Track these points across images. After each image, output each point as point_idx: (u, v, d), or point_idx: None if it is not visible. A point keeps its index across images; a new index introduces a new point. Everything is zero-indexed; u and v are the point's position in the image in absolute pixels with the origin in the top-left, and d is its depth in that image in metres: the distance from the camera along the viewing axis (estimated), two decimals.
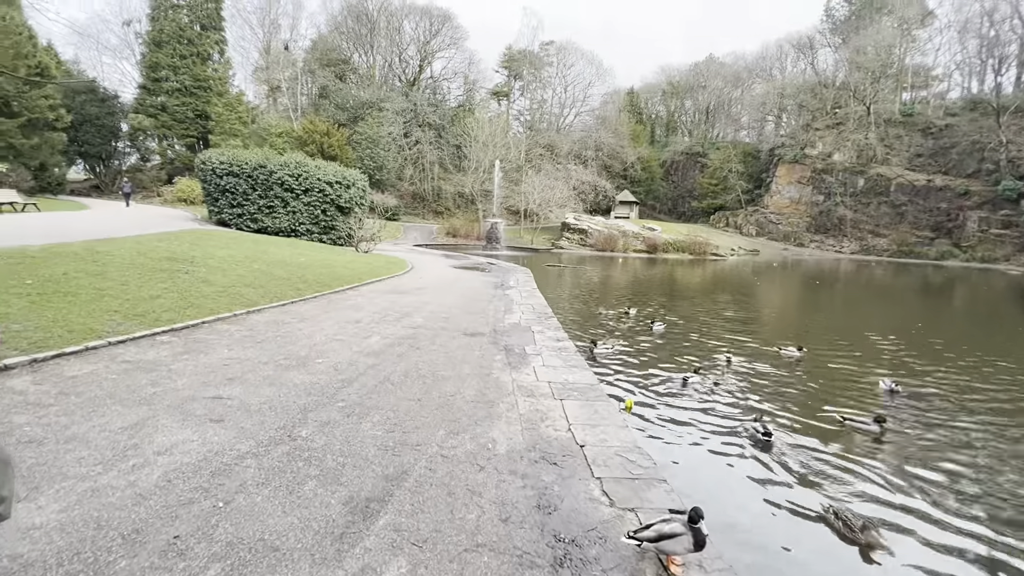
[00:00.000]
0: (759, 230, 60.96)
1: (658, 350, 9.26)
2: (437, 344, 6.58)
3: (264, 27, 62.57)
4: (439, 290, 11.92)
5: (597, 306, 13.66)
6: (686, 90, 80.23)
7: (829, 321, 14.50)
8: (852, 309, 18.43)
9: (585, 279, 22.08)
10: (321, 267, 12.50)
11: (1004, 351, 10.57)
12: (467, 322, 8.24)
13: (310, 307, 8.48)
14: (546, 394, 4.81)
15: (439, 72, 62.22)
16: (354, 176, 23.97)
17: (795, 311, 17.17)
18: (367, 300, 9.67)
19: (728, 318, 13.62)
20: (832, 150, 58.77)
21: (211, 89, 45.97)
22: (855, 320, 15.04)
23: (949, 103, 58.76)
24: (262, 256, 12.24)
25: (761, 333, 11.67)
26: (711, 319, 13.23)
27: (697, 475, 4.56)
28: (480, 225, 43.10)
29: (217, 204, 22.78)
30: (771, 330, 12.28)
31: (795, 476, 4.62)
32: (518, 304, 10.41)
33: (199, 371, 4.75)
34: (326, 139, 42.21)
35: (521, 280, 14.84)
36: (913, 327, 13.42)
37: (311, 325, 7.13)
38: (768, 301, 19.47)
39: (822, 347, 10.17)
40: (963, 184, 50.32)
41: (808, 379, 7.90)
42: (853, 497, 4.32)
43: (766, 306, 17.93)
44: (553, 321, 8.70)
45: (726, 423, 5.82)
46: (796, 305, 18.88)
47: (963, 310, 20.12)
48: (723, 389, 7.15)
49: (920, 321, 14.75)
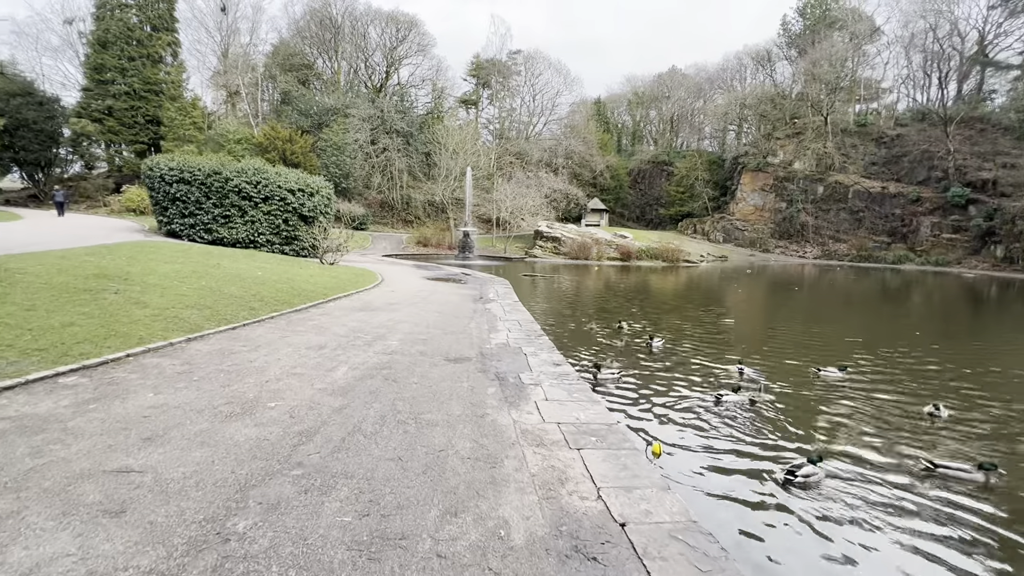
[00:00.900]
0: (726, 236, 62.04)
1: (667, 371, 8.53)
2: (417, 374, 5.58)
3: (222, 31, 60.06)
4: (414, 305, 10.87)
5: (587, 321, 12.82)
6: (650, 100, 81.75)
7: (836, 333, 13.88)
8: (850, 318, 17.92)
9: (564, 289, 21.36)
10: (281, 282, 11.26)
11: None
12: (449, 344, 7.26)
13: (265, 330, 7.31)
14: (558, 441, 3.90)
15: (406, 79, 61.11)
16: (318, 183, 22.62)
17: (793, 322, 16.51)
18: (333, 320, 8.55)
19: (728, 330, 13.08)
20: (793, 158, 60.55)
21: (163, 93, 43.48)
22: (860, 331, 14.30)
23: (899, 114, 61.64)
24: (212, 271, 10.90)
25: (770, 348, 11.07)
26: (711, 332, 12.65)
27: (789, 560, 3.71)
28: (451, 234, 42.02)
29: (166, 214, 21.03)
30: (780, 344, 11.61)
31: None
32: (502, 320, 9.49)
33: (107, 428, 3.62)
34: (289, 146, 40.41)
35: (501, 292, 13.92)
36: (922, 337, 13.12)
37: (265, 354, 6.01)
38: (760, 310, 19.06)
39: (842, 361, 9.60)
40: (915, 191, 52.52)
41: (860, 405, 7.22)
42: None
43: (760, 316, 17.42)
44: (545, 340, 7.81)
45: (781, 461, 5.09)
46: (790, 315, 18.35)
47: (962, 317, 19.71)
48: (760, 417, 6.43)
49: (918, 330, 14.50)
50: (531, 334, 8.22)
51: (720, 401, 6.70)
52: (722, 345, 11.12)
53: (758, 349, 10.80)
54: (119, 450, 3.31)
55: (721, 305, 19.84)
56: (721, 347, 10.87)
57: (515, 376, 5.73)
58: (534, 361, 6.43)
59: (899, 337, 12.97)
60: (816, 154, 58.08)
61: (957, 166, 50.09)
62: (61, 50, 51.67)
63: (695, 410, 6.68)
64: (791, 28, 67.68)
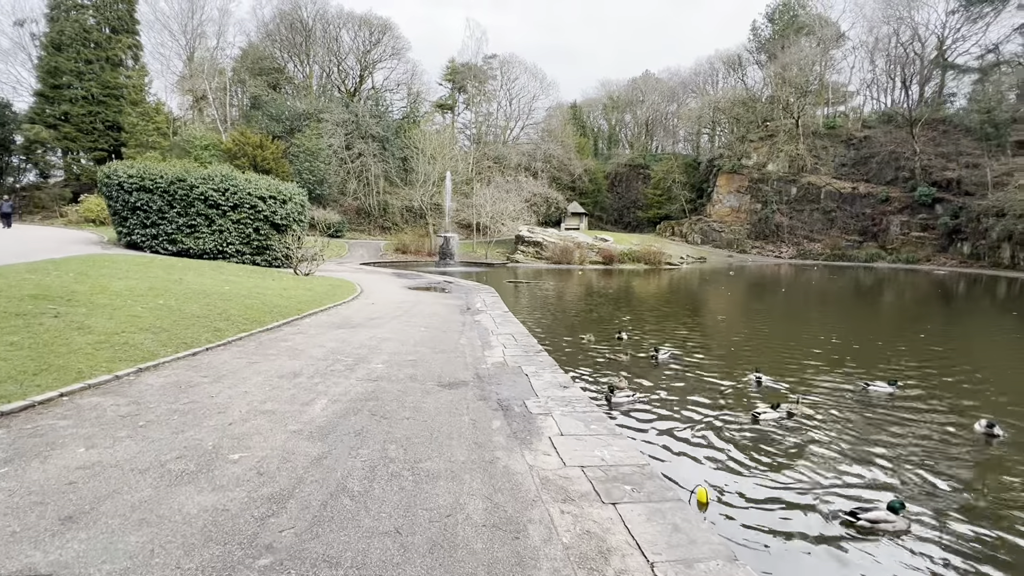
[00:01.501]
0: (704, 238, 62.65)
1: (681, 386, 7.94)
2: (408, 406, 4.85)
3: (187, 34, 58.03)
4: (397, 320, 10.08)
5: (583, 331, 12.13)
6: (625, 104, 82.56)
7: (846, 338, 13.18)
8: (853, 322, 17.38)
9: (552, 296, 20.76)
10: (250, 297, 10.34)
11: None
12: (441, 365, 6.53)
13: (232, 355, 6.46)
14: (587, 494, 3.24)
15: (381, 83, 60.04)
16: (291, 190, 21.59)
17: (796, 327, 15.90)
18: (309, 340, 7.72)
19: (730, 338, 12.62)
20: (766, 160, 61.61)
21: (124, 98, 41.52)
22: (863, 334, 13.89)
23: (866, 117, 63.43)
24: (173, 287, 9.92)
25: (788, 356, 10.56)
26: (715, 340, 12.19)
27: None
28: (431, 240, 41.13)
29: (126, 224, 19.74)
30: (798, 353, 11.02)
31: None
32: (495, 334, 8.80)
33: (15, 504, 2.81)
34: (259, 152, 38.95)
35: (488, 302, 13.22)
36: (929, 340, 12.87)
37: (230, 386, 5.19)
38: (756, 314, 18.50)
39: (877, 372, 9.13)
40: (884, 191, 53.94)
41: (917, 426, 6.53)
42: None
43: (761, 320, 16.72)
44: (545, 357, 7.15)
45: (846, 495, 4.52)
46: (789, 318, 17.81)
47: (962, 316, 19.38)
48: (808, 440, 5.84)
49: (922, 332, 14.23)
50: (528, 350, 7.55)
51: (757, 420, 6.16)
52: (731, 352, 10.66)
53: (772, 357, 10.34)
54: (25, 539, 2.51)
55: (714, 308, 19.56)
56: (730, 355, 10.41)
57: (520, 404, 5.05)
58: (538, 384, 5.76)
59: (909, 341, 12.71)
60: (789, 156, 59.21)
61: (923, 166, 51.65)
62: (12, 53, 49.03)
63: (728, 432, 6.06)
64: (761, 33, 69.11)
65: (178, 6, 56.49)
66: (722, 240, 61.65)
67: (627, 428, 6.00)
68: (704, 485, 3.87)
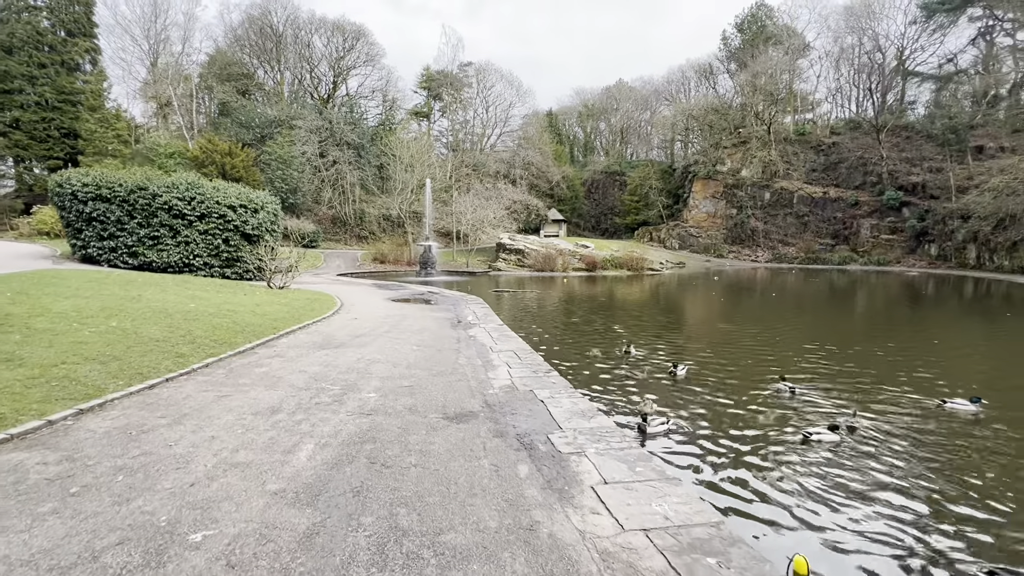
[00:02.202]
0: (681, 243, 63.18)
1: (710, 404, 7.26)
2: (414, 448, 4.05)
3: (150, 39, 55.80)
4: (385, 336, 9.21)
5: (586, 344, 11.33)
6: (600, 112, 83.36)
7: (864, 342, 12.64)
8: (861, 325, 16.99)
9: (541, 306, 20.05)
10: (219, 315, 9.32)
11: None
12: (442, 391, 5.73)
13: (196, 387, 5.52)
14: (664, 574, 2.52)
15: (355, 90, 58.86)
16: (263, 198, 20.42)
17: (807, 331, 15.16)
18: (288, 364, 6.80)
19: (741, 346, 11.96)
20: (740, 166, 62.66)
21: (81, 104, 39.36)
22: (886, 339, 13.29)
23: (833, 123, 65.32)
24: (130, 306, 8.84)
25: (810, 363, 10.01)
26: (727, 349, 11.54)
27: None
28: (410, 249, 40.08)
29: (81, 236, 18.28)
30: (819, 358, 10.43)
31: None
32: (495, 351, 8.03)
33: None
34: (228, 159, 37.35)
35: (480, 314, 12.43)
36: (948, 346, 12.58)
37: (193, 429, 4.29)
38: (758, 319, 17.65)
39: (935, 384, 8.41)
40: (853, 195, 55.38)
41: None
42: None
43: (765, 325, 15.82)
44: (556, 379, 6.41)
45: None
46: (793, 322, 17.13)
47: (973, 317, 19.04)
48: (885, 468, 5.14)
49: (937, 339, 13.92)
50: (536, 369, 6.81)
51: (808, 441, 5.54)
52: (748, 362, 10.05)
53: (794, 364, 9.80)
54: None
55: (712, 314, 19.18)
56: (748, 364, 9.80)
57: (544, 440, 4.30)
58: (558, 412, 5.02)
59: (943, 350, 12.34)
60: (762, 162, 60.31)
61: (889, 171, 53.26)
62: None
63: (789, 462, 5.32)
64: (731, 42, 70.60)
65: (140, 10, 54.33)
66: (699, 245, 62.26)
67: (672, 465, 5.23)
68: (800, 553, 3.16)
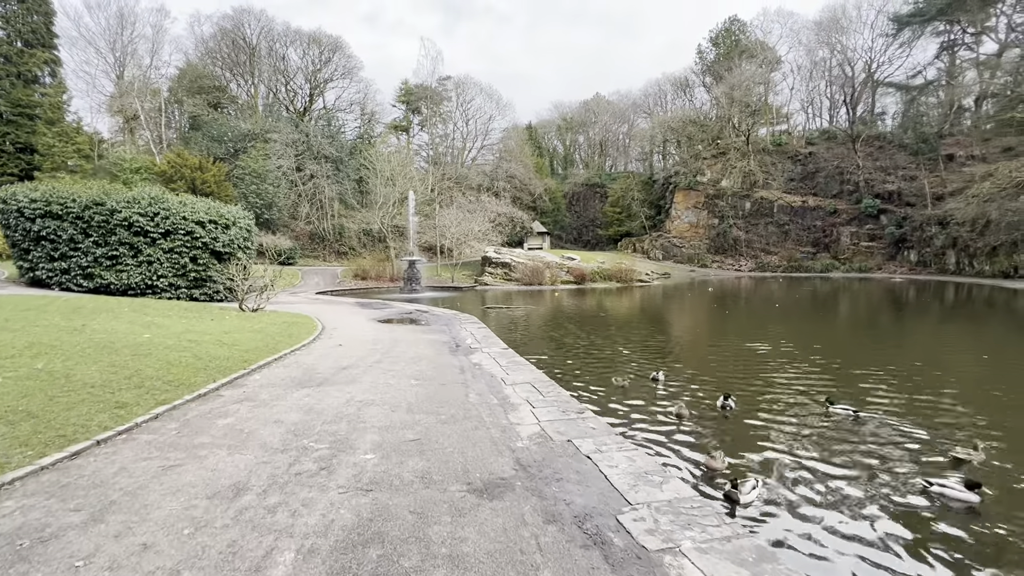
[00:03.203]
0: (665, 254, 63.10)
1: (791, 450, 5.99)
2: (439, 552, 2.88)
3: (116, 51, 53.72)
4: (377, 367, 7.97)
5: (605, 370, 9.90)
6: (579, 125, 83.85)
7: (900, 354, 11.57)
8: (885, 335, 15.85)
9: (538, 323, 18.84)
10: (179, 347, 7.95)
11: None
12: (459, 446, 4.56)
13: (136, 454, 4.23)
14: None
15: (333, 103, 57.50)
16: (235, 213, 18.98)
17: (833, 343, 13.98)
18: (259, 412, 5.53)
19: (775, 365, 10.48)
20: (720, 177, 63.16)
21: (39, 117, 37.19)
22: (925, 350, 12.38)
23: (808, 134, 66.63)
24: (69, 339, 7.42)
25: (856, 379, 8.99)
26: (761, 368, 10.13)
27: None
28: (392, 265, 38.66)
29: (29, 257, 16.56)
30: (865, 373, 9.43)
31: None
32: (508, 383, 6.89)
33: None
34: (199, 174, 35.53)
35: (479, 336, 11.24)
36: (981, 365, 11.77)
37: (118, 532, 3.02)
38: (784, 336, 15.55)
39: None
40: (831, 204, 56.17)
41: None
42: None
43: (796, 343, 13.82)
44: (595, 422, 5.27)
45: None
46: (813, 334, 15.83)
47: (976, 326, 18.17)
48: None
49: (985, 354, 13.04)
50: (566, 409, 5.68)
51: (927, 491, 4.53)
52: (795, 385, 8.87)
53: (843, 381, 8.84)
54: None
55: (723, 329, 17.83)
56: (796, 387, 8.64)
57: (614, 524, 3.18)
58: (616, 476, 3.90)
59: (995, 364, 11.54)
60: (741, 172, 60.87)
61: (866, 180, 54.23)
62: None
63: (918, 521, 4.26)
64: (706, 56, 71.78)
65: (105, 22, 52.35)
66: (683, 255, 62.28)
67: (796, 552, 3.93)
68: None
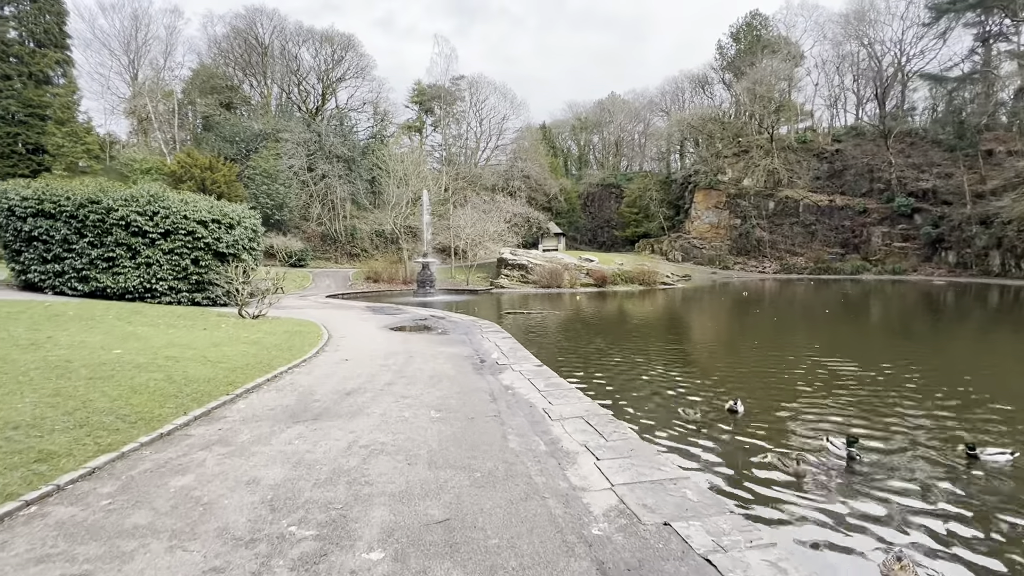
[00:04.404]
0: (684, 255, 61.21)
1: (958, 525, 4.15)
2: None
3: (129, 53, 53.60)
4: (387, 392, 6.59)
5: (662, 396, 8.05)
6: (593, 125, 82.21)
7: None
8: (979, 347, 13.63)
9: (566, 332, 17.15)
10: (152, 366, 6.65)
11: None
12: (506, 538, 3.10)
13: (32, 543, 2.89)
14: None
15: (345, 102, 56.67)
16: (239, 212, 17.85)
17: (934, 362, 11.32)
18: (231, 464, 4.16)
19: (880, 394, 8.10)
20: (742, 175, 61.10)
21: (50, 117, 36.78)
22: None
23: (835, 130, 64.18)
24: (17, 358, 6.17)
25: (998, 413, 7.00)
26: (856, 396, 7.92)
27: None
28: (405, 267, 37.47)
29: (20, 259, 15.57)
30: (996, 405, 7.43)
31: None
32: (553, 417, 5.46)
33: None
34: (209, 174, 34.78)
35: (504, 348, 9.81)
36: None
37: None
38: (860, 346, 13.52)
39: None
40: (861, 203, 53.84)
41: None
42: None
43: (885, 356, 11.16)
44: (696, 490, 3.79)
45: None
46: (899, 349, 13.05)
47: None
48: None
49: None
50: (642, 460, 4.21)
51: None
52: (917, 421, 6.75)
53: (985, 416, 6.92)
54: None
55: (789, 342, 14.39)
56: (919, 424, 6.60)
57: None
58: None
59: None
60: (765, 170, 58.74)
61: (898, 177, 51.79)
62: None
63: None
64: (726, 52, 69.71)
65: (119, 23, 52.25)
66: (703, 257, 60.32)
67: None
68: None
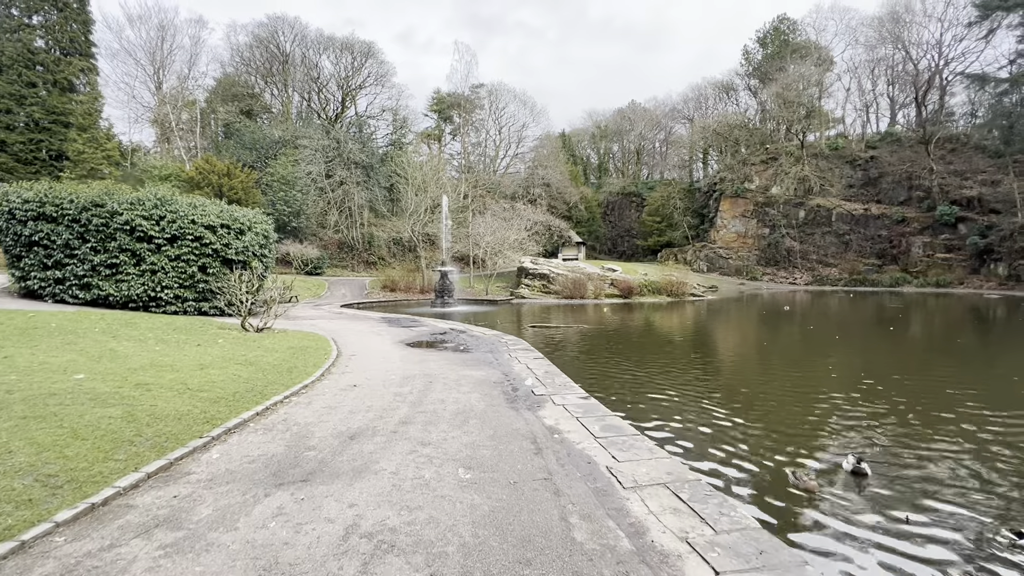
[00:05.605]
0: (710, 265, 59.10)
1: None
2: None
3: (155, 63, 54.21)
4: (402, 438, 5.26)
5: (759, 448, 6.10)
6: (613, 134, 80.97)
7: None
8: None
9: (597, 348, 14.94)
10: (111, 398, 5.44)
11: None
12: None
13: None
14: None
15: (364, 109, 56.39)
16: (251, 217, 16.88)
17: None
18: (172, 565, 2.89)
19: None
20: (770, 183, 58.99)
21: (72, 124, 36.88)
22: None
23: (868, 137, 61.65)
24: None
25: None
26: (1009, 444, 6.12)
27: None
28: (422, 275, 36.43)
29: (20, 265, 14.76)
30: None
31: None
32: (625, 484, 4.07)
33: None
34: (226, 180, 34.33)
35: (538, 370, 8.43)
36: None
37: None
38: (956, 373, 11.15)
39: None
40: (899, 211, 51.26)
41: None
42: None
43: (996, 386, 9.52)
44: None
45: None
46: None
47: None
48: None
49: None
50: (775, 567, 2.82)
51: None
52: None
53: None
54: None
55: (880, 369, 11.25)
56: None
57: None
58: None
59: None
60: (795, 178, 56.54)
61: (940, 185, 49.12)
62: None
63: None
64: (753, 58, 67.93)
65: (146, 34, 52.90)
66: (730, 267, 58.17)
67: None
68: None
